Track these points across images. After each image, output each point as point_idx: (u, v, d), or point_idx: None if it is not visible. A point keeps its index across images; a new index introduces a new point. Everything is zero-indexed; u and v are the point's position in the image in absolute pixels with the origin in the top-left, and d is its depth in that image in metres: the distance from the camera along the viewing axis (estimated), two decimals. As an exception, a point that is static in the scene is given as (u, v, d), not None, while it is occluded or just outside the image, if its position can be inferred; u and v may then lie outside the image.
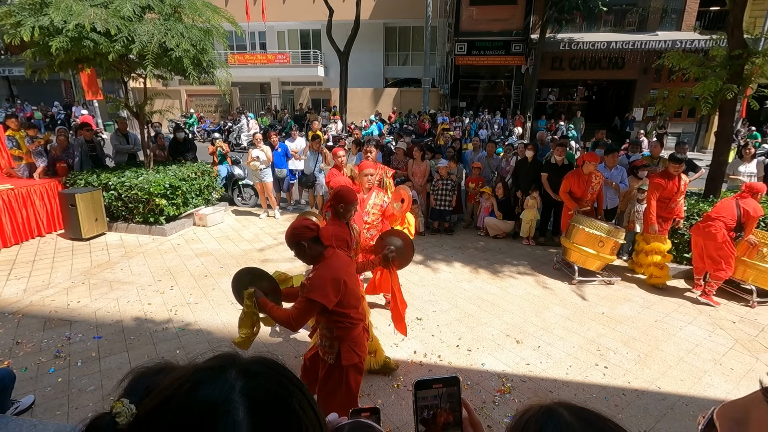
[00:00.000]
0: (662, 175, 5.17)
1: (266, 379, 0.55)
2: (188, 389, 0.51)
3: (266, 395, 0.53)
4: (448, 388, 0.75)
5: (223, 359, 0.57)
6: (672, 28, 17.61)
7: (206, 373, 0.53)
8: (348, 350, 2.42)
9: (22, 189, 6.21)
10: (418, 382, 0.73)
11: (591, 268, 5.30)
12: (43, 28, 5.28)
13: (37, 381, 3.29)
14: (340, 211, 2.91)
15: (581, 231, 5.26)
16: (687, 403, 3.23)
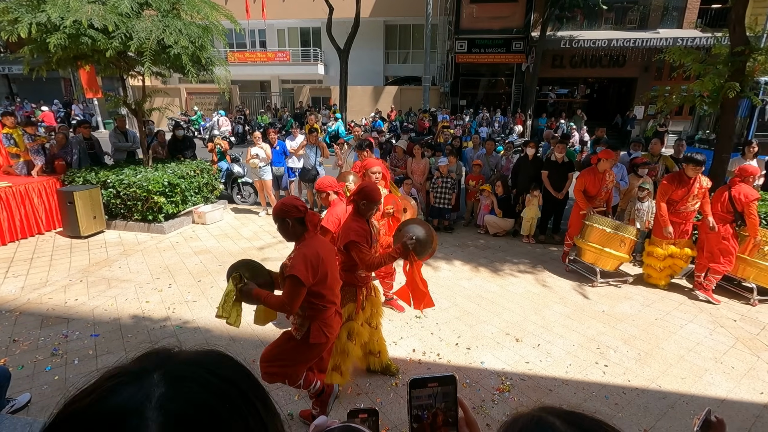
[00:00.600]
0: (674, 177, 4.86)
1: (193, 385, 0.47)
2: (95, 398, 0.44)
3: (187, 406, 0.44)
4: (443, 387, 0.72)
5: (150, 359, 0.49)
6: (673, 26, 17.55)
7: (122, 379, 0.46)
8: (317, 329, 2.48)
9: (20, 186, 6.19)
10: (412, 381, 0.71)
11: (606, 267, 5.21)
12: (41, 24, 5.25)
13: (34, 379, 3.28)
14: (362, 208, 2.92)
15: (596, 230, 5.18)
16: (687, 401, 3.20)
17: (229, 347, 2.77)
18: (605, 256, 5.15)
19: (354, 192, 2.98)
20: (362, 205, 2.91)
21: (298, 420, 2.95)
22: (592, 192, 5.47)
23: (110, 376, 0.47)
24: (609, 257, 5.13)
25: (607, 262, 5.18)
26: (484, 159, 7.67)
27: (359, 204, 2.92)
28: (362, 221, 2.94)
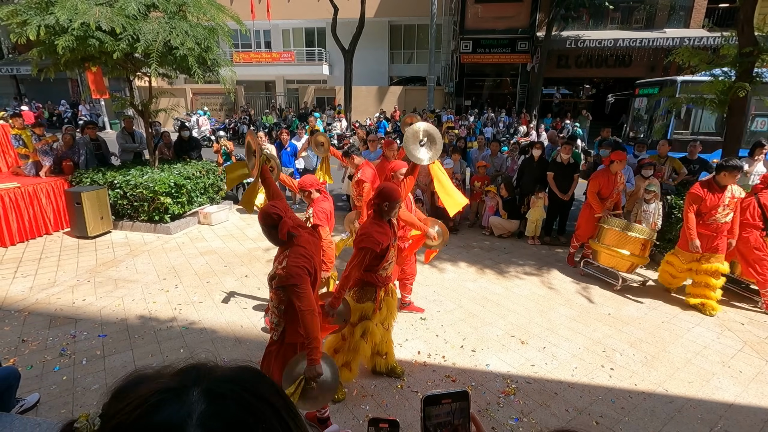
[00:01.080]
0: (705, 185, 4.45)
1: (232, 403, 0.49)
2: (141, 413, 0.46)
3: (226, 425, 0.47)
4: (457, 403, 0.72)
5: (187, 376, 0.52)
6: (680, 26, 17.42)
7: (165, 395, 0.48)
8: (293, 330, 2.45)
9: (28, 187, 6.25)
10: (426, 398, 0.71)
11: (622, 270, 5.15)
12: (49, 26, 5.30)
13: (43, 379, 3.31)
14: (384, 210, 2.91)
15: (611, 231, 5.14)
16: (695, 406, 3.18)
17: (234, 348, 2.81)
18: (622, 259, 5.08)
19: (375, 195, 2.97)
20: (385, 206, 2.91)
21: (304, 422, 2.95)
22: (605, 194, 5.43)
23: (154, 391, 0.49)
24: (626, 259, 5.07)
25: (624, 264, 5.12)
26: (489, 160, 7.66)
27: (381, 206, 2.92)
28: (383, 224, 2.93)
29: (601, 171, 5.52)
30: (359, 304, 3.05)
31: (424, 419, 0.71)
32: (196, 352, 3.71)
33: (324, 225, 3.55)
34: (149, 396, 0.48)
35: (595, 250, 5.38)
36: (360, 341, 3.05)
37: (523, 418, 3.02)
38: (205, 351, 3.73)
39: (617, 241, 5.10)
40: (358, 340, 3.05)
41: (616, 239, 5.11)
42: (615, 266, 5.20)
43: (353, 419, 2.99)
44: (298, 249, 2.36)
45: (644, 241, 5.01)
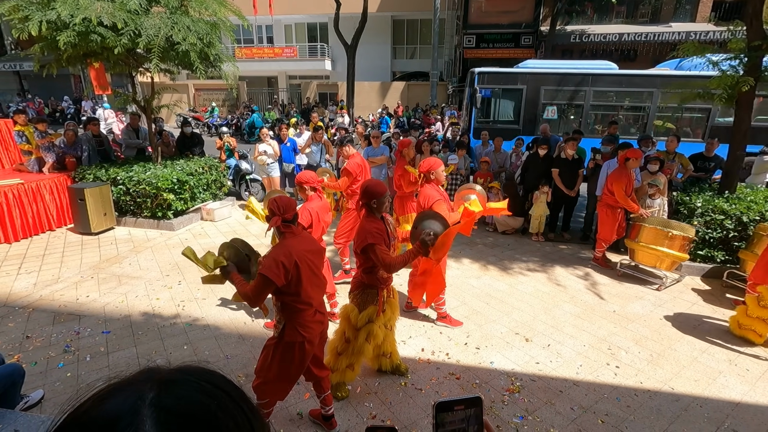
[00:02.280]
0: None
1: (184, 387, 0.50)
2: (93, 402, 0.47)
3: (180, 404, 0.47)
4: (469, 410, 0.70)
5: (143, 372, 0.52)
6: (686, 20, 17.23)
7: (116, 385, 0.49)
8: (292, 328, 2.49)
9: (31, 183, 6.26)
10: (439, 404, 0.69)
11: (662, 268, 5.08)
12: (51, 22, 5.28)
13: (47, 376, 3.31)
14: (373, 207, 2.90)
15: (648, 229, 5.06)
16: (701, 404, 3.16)
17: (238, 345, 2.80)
18: (660, 256, 5.00)
19: (361, 194, 2.95)
20: (373, 204, 2.89)
21: (308, 419, 2.95)
22: (628, 192, 5.34)
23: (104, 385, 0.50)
24: (662, 256, 4.99)
25: (665, 261, 5.03)
26: (492, 156, 7.61)
27: (370, 204, 2.90)
28: (377, 221, 2.92)
29: (620, 171, 5.37)
30: (364, 310, 3.00)
31: (436, 426, 0.69)
32: (199, 348, 3.71)
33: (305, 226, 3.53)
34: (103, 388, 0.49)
35: (633, 248, 5.29)
36: (364, 344, 3.02)
37: (528, 416, 3.00)
38: (209, 348, 3.72)
39: (656, 238, 5.01)
40: (362, 344, 3.02)
41: (654, 237, 5.02)
42: (655, 264, 5.11)
43: (357, 416, 2.98)
44: (286, 243, 2.44)
45: (684, 237, 4.92)
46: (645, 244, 5.10)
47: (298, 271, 2.39)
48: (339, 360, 3.05)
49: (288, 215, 2.47)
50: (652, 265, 5.17)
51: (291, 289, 2.41)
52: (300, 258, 2.40)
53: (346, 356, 3.04)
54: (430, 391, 3.24)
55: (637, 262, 5.35)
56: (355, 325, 3.01)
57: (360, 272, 3.03)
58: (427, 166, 3.93)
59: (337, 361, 3.05)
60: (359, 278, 3.04)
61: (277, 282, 2.31)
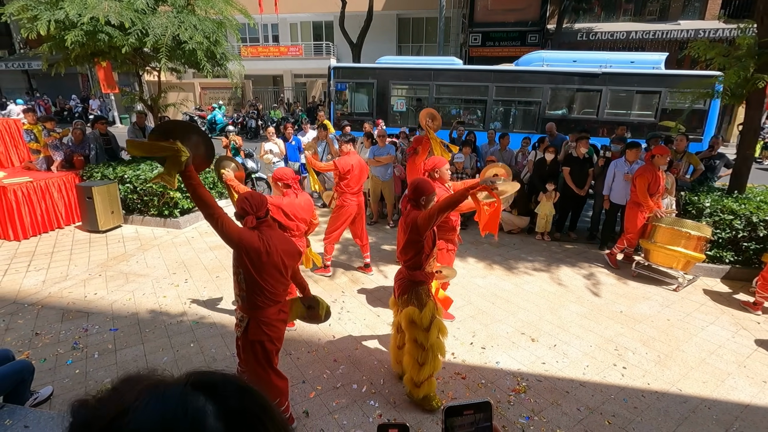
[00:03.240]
0: None
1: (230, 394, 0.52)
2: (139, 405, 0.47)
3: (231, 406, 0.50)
4: (479, 414, 0.69)
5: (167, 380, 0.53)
6: (695, 17, 17.05)
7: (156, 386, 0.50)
8: (255, 326, 2.52)
9: (40, 182, 6.31)
10: (448, 408, 0.68)
11: (679, 268, 5.00)
12: (59, 21, 5.32)
13: (56, 372, 3.35)
14: (422, 204, 2.94)
15: (664, 229, 4.98)
16: (710, 406, 3.13)
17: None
18: (676, 256, 4.92)
19: (410, 191, 2.97)
20: (422, 201, 2.93)
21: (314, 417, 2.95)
22: (653, 190, 5.23)
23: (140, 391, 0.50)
24: (678, 256, 4.91)
25: (680, 262, 4.95)
26: (498, 155, 7.57)
27: (419, 201, 2.94)
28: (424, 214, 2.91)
29: (645, 168, 5.26)
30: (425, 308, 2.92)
31: (445, 430, 0.69)
32: (206, 346, 3.73)
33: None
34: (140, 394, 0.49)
35: (647, 249, 5.21)
36: (438, 341, 2.96)
37: (534, 417, 2.99)
38: (215, 346, 3.74)
39: (671, 238, 4.93)
40: (435, 341, 2.94)
41: (669, 237, 4.95)
42: (671, 265, 5.04)
43: (363, 416, 2.99)
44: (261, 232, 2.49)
45: (700, 237, 4.84)
46: (660, 244, 5.01)
47: (262, 260, 2.42)
48: (423, 371, 2.93)
49: (261, 212, 2.52)
50: (668, 266, 5.09)
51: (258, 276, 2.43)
52: (273, 251, 2.45)
53: (429, 364, 2.92)
54: (436, 390, 3.23)
55: (652, 263, 5.26)
56: (423, 326, 2.89)
57: (406, 272, 2.98)
58: (431, 165, 3.92)
59: (421, 373, 2.93)
60: (406, 278, 2.99)
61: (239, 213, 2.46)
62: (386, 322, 4.19)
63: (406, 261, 2.97)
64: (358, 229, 5.23)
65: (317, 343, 3.84)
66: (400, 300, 3.03)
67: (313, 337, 3.94)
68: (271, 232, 2.52)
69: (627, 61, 9.54)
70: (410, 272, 2.96)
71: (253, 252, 2.41)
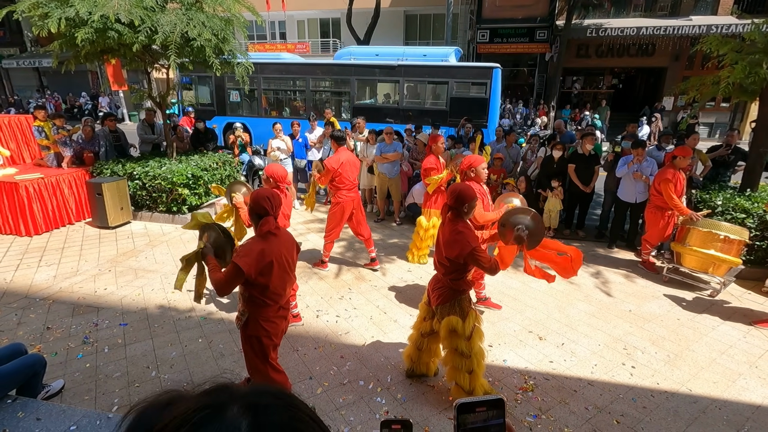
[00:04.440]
0: None
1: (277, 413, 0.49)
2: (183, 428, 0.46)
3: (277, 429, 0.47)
4: (491, 411, 0.69)
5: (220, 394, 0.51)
6: (707, 13, 16.78)
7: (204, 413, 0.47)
8: (254, 321, 2.54)
9: (51, 178, 6.39)
10: (460, 405, 0.68)
11: (717, 274, 4.75)
12: (69, 19, 5.35)
13: (67, 366, 3.39)
14: (465, 212, 2.83)
15: (698, 232, 4.75)
16: (720, 406, 3.10)
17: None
18: (712, 261, 4.68)
19: (452, 199, 2.82)
20: (465, 209, 2.81)
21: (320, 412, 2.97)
22: (679, 193, 5.05)
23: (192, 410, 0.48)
24: (715, 261, 4.67)
25: (718, 266, 4.71)
26: (505, 152, 7.53)
27: (461, 209, 2.81)
28: (467, 224, 2.82)
29: (667, 171, 5.08)
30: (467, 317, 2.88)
31: (457, 426, 0.68)
32: (214, 342, 3.76)
33: None
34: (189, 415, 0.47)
35: (680, 252, 4.98)
36: (480, 349, 2.94)
37: (542, 416, 2.98)
38: (223, 342, 3.77)
39: (706, 241, 4.70)
40: (480, 349, 2.92)
41: (704, 240, 4.71)
42: (705, 269, 4.80)
43: (369, 412, 2.99)
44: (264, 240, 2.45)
45: (737, 240, 4.61)
46: (695, 248, 4.79)
47: (270, 269, 2.42)
48: (474, 378, 2.90)
49: (278, 213, 2.52)
50: (703, 270, 4.84)
51: (260, 283, 2.43)
52: (277, 257, 2.44)
53: (477, 370, 2.90)
54: (443, 388, 3.23)
55: (684, 267, 5.00)
56: (465, 336, 2.85)
57: (447, 280, 2.90)
58: (467, 163, 3.87)
59: (472, 381, 2.90)
60: (447, 286, 2.91)
61: (247, 272, 2.34)
62: (392, 319, 4.19)
63: (447, 272, 2.87)
64: (356, 225, 5.20)
65: (324, 339, 3.86)
66: (439, 309, 2.97)
67: (320, 333, 3.95)
68: (274, 238, 2.48)
69: (420, 54, 10.63)
70: (452, 282, 2.88)
71: (266, 268, 2.41)
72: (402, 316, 4.24)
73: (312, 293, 4.71)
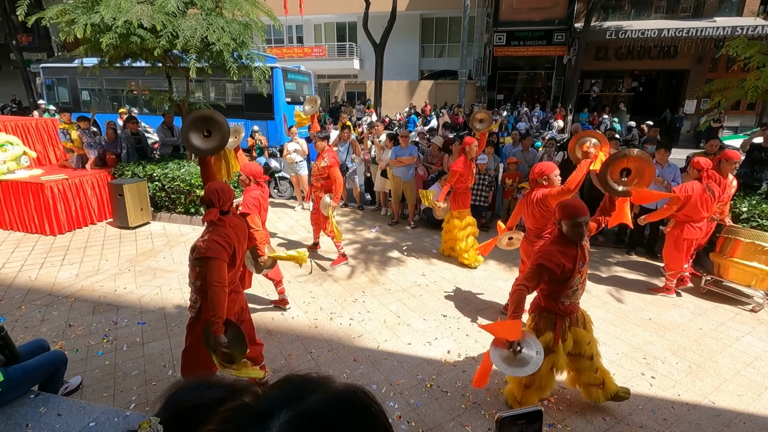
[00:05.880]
0: None
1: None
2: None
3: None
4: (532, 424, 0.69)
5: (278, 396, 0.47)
6: (732, 14, 16.35)
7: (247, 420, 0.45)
8: (208, 307, 2.54)
9: (75, 179, 6.57)
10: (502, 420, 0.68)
11: (760, 287, 4.51)
12: (95, 25, 5.52)
13: (87, 363, 3.47)
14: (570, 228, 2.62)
15: (741, 243, 4.52)
16: (745, 420, 2.99)
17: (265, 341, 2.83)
18: (759, 274, 4.44)
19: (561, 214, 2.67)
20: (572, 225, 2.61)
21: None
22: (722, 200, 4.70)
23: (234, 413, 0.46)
24: (759, 273, 4.43)
25: (762, 280, 4.46)
26: (521, 156, 7.45)
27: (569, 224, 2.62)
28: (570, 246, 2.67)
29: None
30: (541, 336, 2.81)
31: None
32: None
33: (253, 214, 3.83)
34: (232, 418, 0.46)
35: (720, 263, 4.75)
36: (547, 374, 2.85)
37: (558, 425, 2.92)
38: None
39: (749, 253, 4.47)
40: (544, 374, 2.83)
41: (747, 251, 4.49)
42: (748, 282, 4.57)
43: (382, 416, 2.98)
44: (222, 229, 2.56)
45: None
46: (736, 259, 4.57)
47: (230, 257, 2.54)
48: (527, 394, 2.89)
49: (225, 207, 2.62)
50: (745, 284, 4.61)
51: None
52: (237, 244, 2.60)
53: (535, 389, 2.87)
54: (456, 394, 3.20)
55: (725, 280, 4.76)
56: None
57: (539, 294, 2.89)
58: (539, 171, 3.83)
59: (525, 395, 2.89)
60: (537, 300, 2.93)
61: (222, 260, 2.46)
62: (406, 323, 4.18)
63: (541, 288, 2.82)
64: None
65: (338, 342, 3.86)
66: (528, 318, 3.01)
67: (333, 336, 3.96)
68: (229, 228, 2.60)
69: None
70: (542, 296, 2.88)
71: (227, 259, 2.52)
72: (415, 321, 4.22)
73: (326, 295, 4.73)
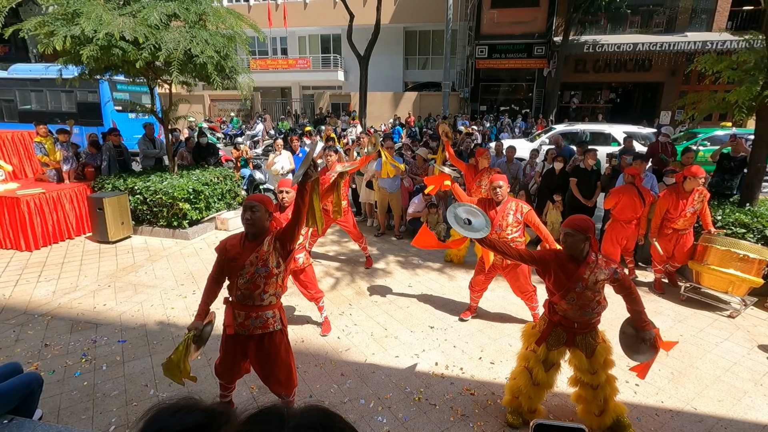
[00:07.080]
0: None
1: None
2: None
3: None
4: None
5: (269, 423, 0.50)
6: (702, 29, 17.07)
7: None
8: None
9: (52, 193, 6.41)
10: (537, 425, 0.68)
11: (736, 294, 4.67)
12: (75, 37, 5.44)
13: (64, 384, 3.35)
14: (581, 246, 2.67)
15: (718, 251, 4.65)
16: (726, 426, 3.05)
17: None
18: (732, 280, 4.58)
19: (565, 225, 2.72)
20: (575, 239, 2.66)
21: None
22: (673, 215, 4.96)
23: None
24: (735, 280, 4.57)
25: (738, 286, 4.61)
26: (505, 167, 7.56)
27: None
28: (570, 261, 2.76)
29: (671, 190, 5.02)
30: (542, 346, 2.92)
31: None
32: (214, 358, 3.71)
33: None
34: None
35: (698, 271, 4.90)
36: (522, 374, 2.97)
37: None
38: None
39: (725, 260, 4.60)
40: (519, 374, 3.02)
41: (723, 259, 4.62)
42: (725, 289, 4.72)
43: (370, 431, 2.95)
44: None
45: (759, 260, 4.48)
46: (714, 267, 4.69)
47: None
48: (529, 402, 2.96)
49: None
50: (722, 290, 4.76)
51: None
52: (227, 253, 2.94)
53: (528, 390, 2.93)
54: (445, 407, 3.19)
55: (702, 286, 4.92)
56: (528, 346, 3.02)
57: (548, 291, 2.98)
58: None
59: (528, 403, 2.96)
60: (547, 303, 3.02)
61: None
62: (393, 335, 4.16)
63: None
64: None
65: (324, 356, 3.82)
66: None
67: (320, 350, 3.91)
68: None
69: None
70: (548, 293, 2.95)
71: None
72: (403, 333, 4.21)
73: (312, 309, 4.68)
